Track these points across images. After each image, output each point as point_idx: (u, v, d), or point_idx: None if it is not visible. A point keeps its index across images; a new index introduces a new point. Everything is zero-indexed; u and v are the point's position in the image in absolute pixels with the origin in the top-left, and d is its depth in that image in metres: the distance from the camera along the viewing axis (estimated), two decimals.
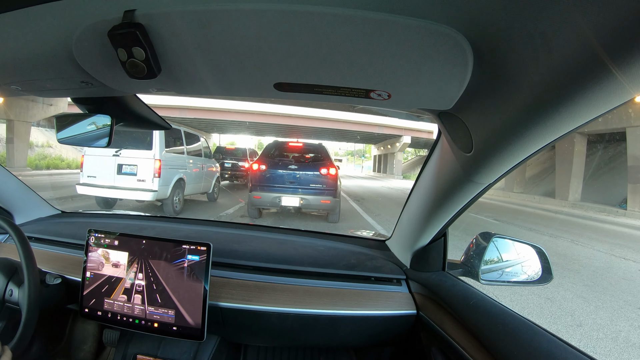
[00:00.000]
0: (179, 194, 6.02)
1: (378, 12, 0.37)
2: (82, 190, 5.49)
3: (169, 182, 5.61)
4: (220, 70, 0.52)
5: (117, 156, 5.31)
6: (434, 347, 0.81)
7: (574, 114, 0.39)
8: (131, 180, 5.32)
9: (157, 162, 5.31)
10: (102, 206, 5.90)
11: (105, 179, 5.36)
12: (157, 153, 5.34)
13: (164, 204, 5.74)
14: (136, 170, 5.33)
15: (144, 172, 5.31)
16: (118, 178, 5.34)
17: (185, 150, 6.38)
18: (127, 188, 5.35)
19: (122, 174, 5.34)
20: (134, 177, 5.32)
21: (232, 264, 1.02)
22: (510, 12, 0.34)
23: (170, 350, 0.95)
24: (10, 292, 0.88)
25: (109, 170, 5.34)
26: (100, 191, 5.47)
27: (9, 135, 12.55)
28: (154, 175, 5.31)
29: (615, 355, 2.29)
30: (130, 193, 5.40)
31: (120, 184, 5.35)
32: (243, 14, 0.40)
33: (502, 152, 0.52)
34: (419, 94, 0.52)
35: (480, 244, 0.94)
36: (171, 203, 5.71)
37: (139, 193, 5.36)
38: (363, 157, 45.45)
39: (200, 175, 6.93)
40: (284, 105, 19.72)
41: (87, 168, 5.46)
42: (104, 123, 0.82)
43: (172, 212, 5.69)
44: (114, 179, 5.34)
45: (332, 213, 5.96)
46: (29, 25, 0.48)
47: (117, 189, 5.39)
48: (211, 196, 7.72)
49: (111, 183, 5.36)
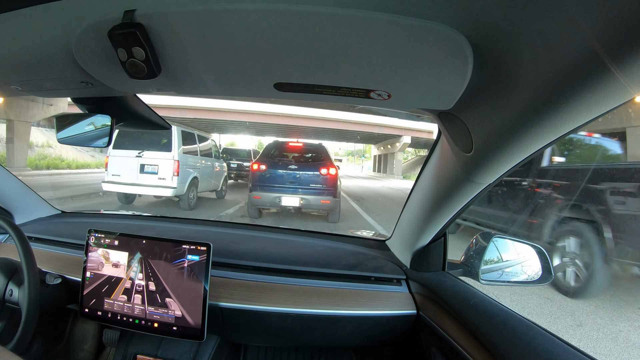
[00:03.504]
0: (194, 190, 6.69)
1: (378, 12, 0.37)
2: (107, 187, 6.18)
3: (185, 180, 6.30)
4: (220, 70, 0.52)
5: (140, 157, 6.05)
6: (434, 347, 0.81)
7: (574, 114, 0.39)
8: (153, 178, 6.06)
9: (176, 163, 6.06)
10: (123, 202, 6.65)
11: (128, 177, 6.07)
12: (175, 154, 6.09)
13: (180, 199, 6.42)
14: (157, 169, 6.08)
15: (164, 171, 6.05)
16: (141, 176, 6.07)
17: (199, 152, 7.04)
18: (149, 185, 6.08)
19: (144, 173, 6.08)
20: (155, 175, 6.07)
21: (232, 264, 1.02)
22: (510, 12, 0.34)
23: (170, 350, 0.95)
24: (10, 292, 0.88)
25: (133, 170, 6.06)
26: (124, 188, 6.19)
27: (9, 135, 12.54)
28: (173, 174, 6.04)
29: (615, 355, 2.29)
30: (152, 190, 6.16)
31: (142, 182, 6.08)
32: (243, 14, 0.40)
33: (502, 152, 0.52)
34: (419, 94, 0.52)
35: (480, 244, 0.93)
36: (187, 199, 6.39)
37: (160, 190, 6.12)
38: (363, 157, 45.41)
39: (211, 174, 7.58)
40: (284, 105, 19.71)
41: (112, 168, 6.14)
42: (104, 123, 0.82)
43: (187, 207, 6.41)
44: (137, 177, 6.06)
45: (332, 213, 5.96)
46: (29, 25, 0.48)
47: (140, 186, 6.11)
48: (219, 194, 8.34)
49: (134, 181, 6.07)
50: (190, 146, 6.73)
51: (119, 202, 6.75)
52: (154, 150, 6.12)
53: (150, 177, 6.05)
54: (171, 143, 6.12)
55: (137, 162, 6.07)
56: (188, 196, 6.44)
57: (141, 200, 7.13)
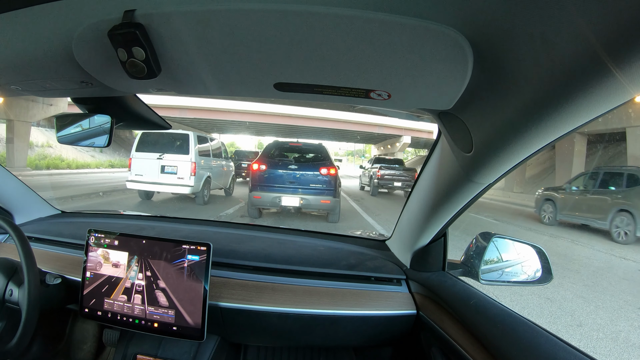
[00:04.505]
0: (207, 188, 7.48)
1: (378, 12, 0.37)
2: (131, 185, 7.01)
3: (201, 179, 7.07)
4: (220, 70, 0.52)
5: (161, 159, 6.86)
6: (434, 347, 0.81)
7: (574, 114, 0.39)
8: (172, 177, 6.87)
9: (193, 164, 6.84)
10: (143, 198, 7.60)
11: (150, 176, 6.88)
12: (192, 157, 6.88)
13: (196, 196, 7.24)
14: (176, 170, 6.86)
15: (182, 171, 6.83)
16: (161, 176, 6.89)
17: (211, 154, 7.83)
18: (169, 184, 6.89)
19: (165, 173, 6.89)
20: (174, 175, 6.85)
21: (232, 264, 1.01)
22: (510, 12, 0.34)
23: (170, 350, 0.95)
24: (10, 292, 0.88)
25: (154, 170, 6.86)
26: (146, 186, 7.05)
27: (9, 135, 12.54)
28: (190, 174, 6.82)
29: (616, 355, 2.29)
30: (172, 188, 6.98)
31: (163, 181, 6.90)
32: (243, 14, 0.40)
33: (502, 152, 0.52)
34: (419, 94, 0.52)
35: (480, 244, 0.94)
36: (202, 196, 7.23)
37: (178, 188, 6.92)
38: (363, 157, 45.39)
39: (221, 173, 8.37)
40: (284, 105, 19.68)
41: (135, 168, 6.92)
42: (103, 123, 0.82)
43: (202, 203, 7.22)
44: (158, 177, 6.88)
45: (332, 213, 5.96)
46: (29, 25, 0.48)
47: (161, 185, 6.94)
48: (228, 191, 9.06)
49: (155, 180, 6.89)
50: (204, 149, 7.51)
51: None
52: (173, 153, 6.90)
53: (170, 177, 6.85)
54: (189, 146, 6.91)
55: (158, 164, 6.87)
56: (203, 193, 7.19)
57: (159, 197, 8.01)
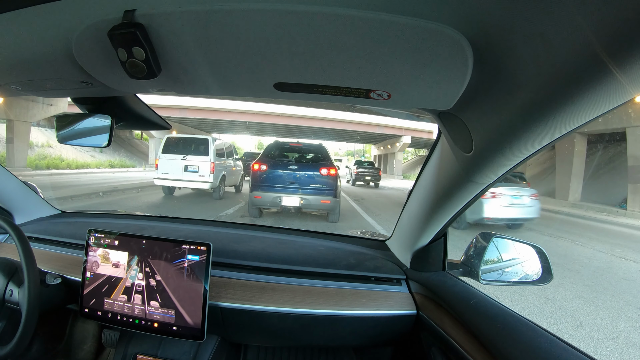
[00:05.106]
0: (223, 184, 8.73)
1: (378, 12, 0.37)
2: (158, 182, 8.26)
3: (218, 177, 8.33)
4: (220, 71, 0.52)
5: (184, 160, 8.11)
6: (434, 347, 0.81)
7: (574, 114, 0.39)
8: (194, 175, 8.14)
9: (212, 164, 8.08)
10: (166, 193, 8.84)
11: (175, 174, 8.16)
12: (212, 158, 8.12)
13: (214, 191, 8.49)
14: (198, 169, 8.12)
15: (203, 170, 8.10)
16: (185, 174, 8.16)
17: (225, 154, 9.08)
18: (191, 180, 8.19)
19: (188, 172, 8.15)
20: (196, 173, 8.13)
21: (232, 264, 1.02)
22: (510, 12, 0.34)
23: (170, 350, 0.95)
24: (10, 292, 0.88)
25: (178, 169, 8.14)
26: (172, 183, 8.31)
27: (9, 135, 12.55)
28: (210, 172, 8.08)
29: (616, 355, 2.29)
30: (193, 184, 8.26)
31: (186, 178, 8.19)
32: (243, 14, 0.40)
33: (502, 152, 0.52)
34: (419, 94, 0.52)
35: (480, 244, 0.94)
36: (218, 191, 8.49)
37: (199, 184, 8.19)
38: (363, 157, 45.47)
39: (233, 172, 9.58)
40: (284, 105, 19.70)
41: (161, 167, 8.17)
42: (103, 123, 0.82)
43: (218, 197, 8.46)
44: (182, 174, 8.16)
45: (332, 213, 5.97)
46: (29, 25, 0.48)
47: (184, 181, 8.24)
48: (237, 188, 10.36)
49: (179, 177, 8.19)
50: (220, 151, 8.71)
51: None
52: (195, 155, 8.17)
53: (192, 175, 8.14)
54: (208, 149, 8.14)
55: (182, 164, 8.12)
56: (219, 188, 8.47)
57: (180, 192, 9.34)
